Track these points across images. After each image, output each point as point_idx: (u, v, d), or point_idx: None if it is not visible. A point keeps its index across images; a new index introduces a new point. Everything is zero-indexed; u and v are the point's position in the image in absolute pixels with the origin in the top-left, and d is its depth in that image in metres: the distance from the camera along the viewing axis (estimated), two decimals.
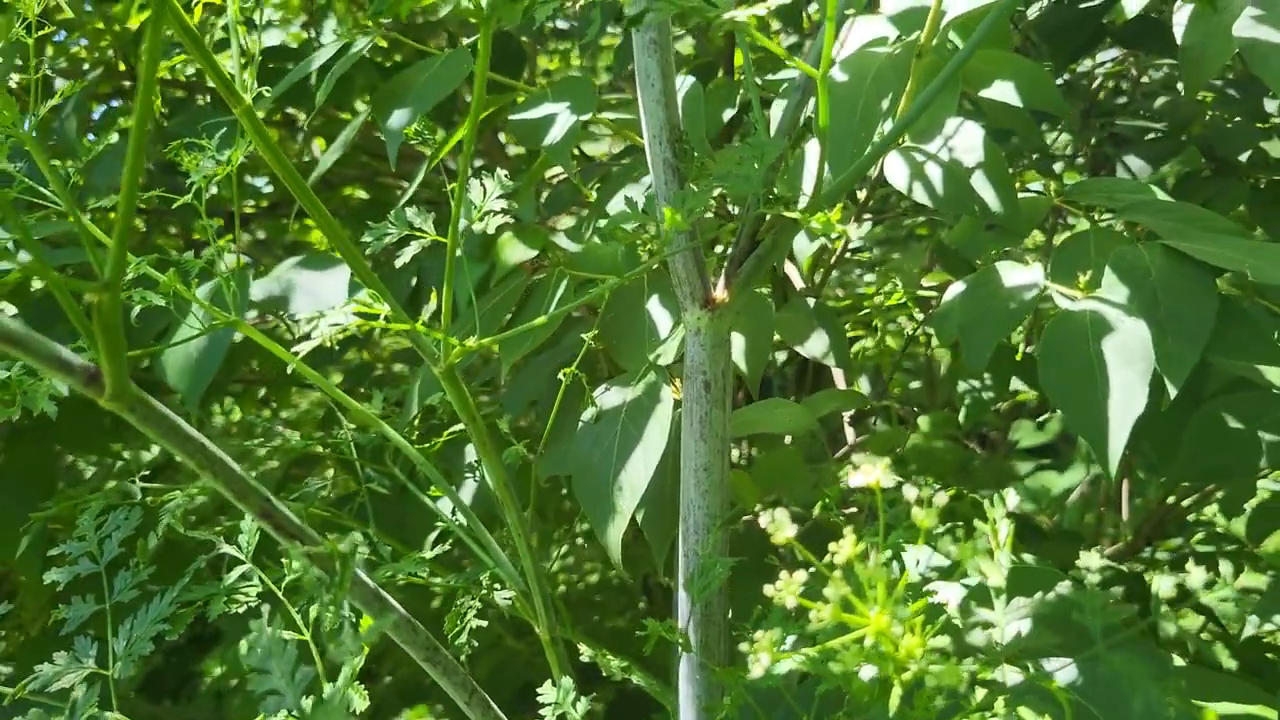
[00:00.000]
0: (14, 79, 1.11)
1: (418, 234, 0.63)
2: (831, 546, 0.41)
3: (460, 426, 0.99)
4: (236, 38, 0.59)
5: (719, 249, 1.10)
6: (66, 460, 1.66)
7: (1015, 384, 1.26)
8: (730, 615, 0.70)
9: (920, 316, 1.07)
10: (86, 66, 1.53)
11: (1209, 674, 0.71)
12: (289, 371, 0.68)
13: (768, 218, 0.64)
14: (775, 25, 1.61)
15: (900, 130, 0.61)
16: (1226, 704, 0.70)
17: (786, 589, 0.41)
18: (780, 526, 0.42)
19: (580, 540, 1.98)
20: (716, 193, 0.58)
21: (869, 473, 0.41)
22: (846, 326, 1.31)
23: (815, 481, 1.77)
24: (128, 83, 1.58)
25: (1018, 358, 1.08)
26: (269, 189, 1.81)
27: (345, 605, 0.48)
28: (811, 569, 0.42)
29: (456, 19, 1.47)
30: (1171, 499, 1.58)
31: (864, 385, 1.93)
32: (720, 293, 0.63)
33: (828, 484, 1.71)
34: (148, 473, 1.07)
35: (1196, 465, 0.84)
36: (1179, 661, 0.75)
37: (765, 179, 0.58)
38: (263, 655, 0.42)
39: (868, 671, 0.44)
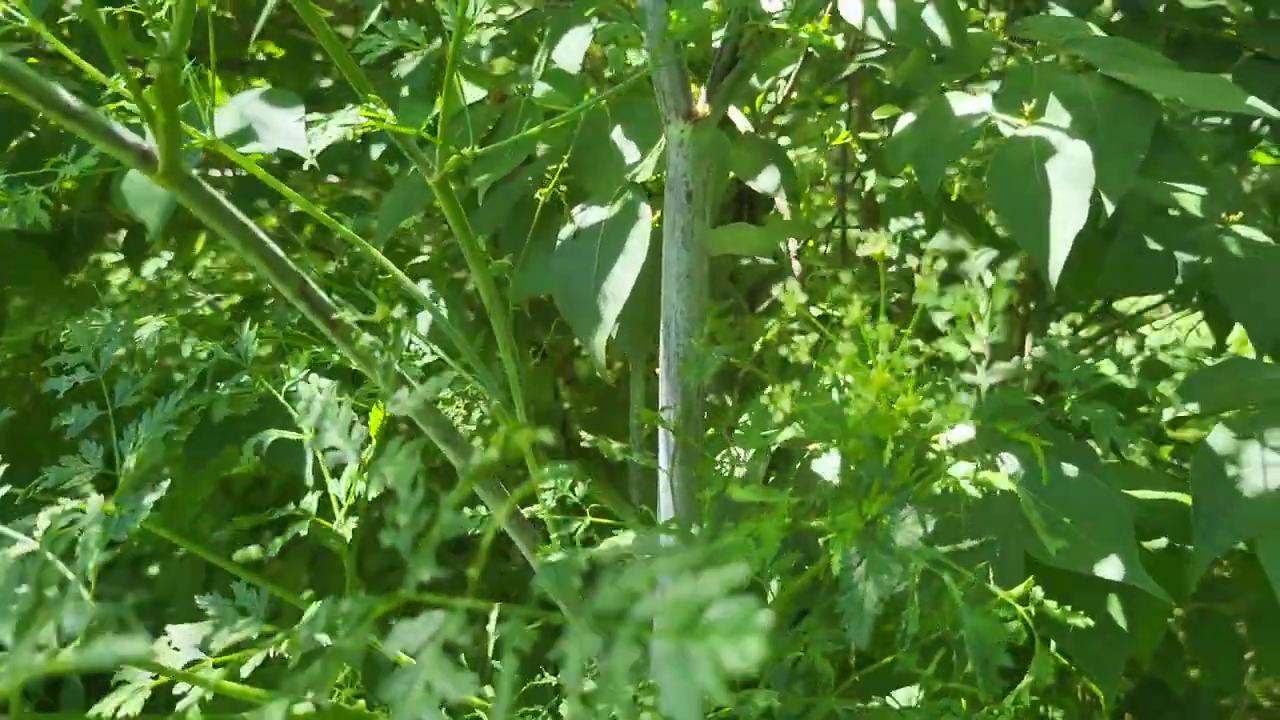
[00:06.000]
0: None
1: (411, 45, 0.64)
2: (838, 310, 0.46)
3: (422, 258, 1.01)
4: None
5: None
6: None
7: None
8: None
9: (863, 158, 1.12)
10: None
11: (1136, 468, 0.79)
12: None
13: (745, 36, 0.67)
14: None
15: None
16: (1149, 491, 0.78)
17: (801, 349, 0.46)
18: (793, 295, 0.47)
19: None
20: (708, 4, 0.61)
21: (874, 244, 0.46)
22: None
23: (739, 334, 1.83)
24: None
25: (953, 198, 1.13)
26: None
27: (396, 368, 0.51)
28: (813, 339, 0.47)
29: None
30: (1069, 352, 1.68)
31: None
32: (702, 106, 0.66)
33: (752, 337, 1.77)
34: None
35: (1120, 280, 0.91)
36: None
37: None
38: (319, 416, 0.46)
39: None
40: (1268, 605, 0.72)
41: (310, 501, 0.69)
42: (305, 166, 0.63)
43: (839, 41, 1.12)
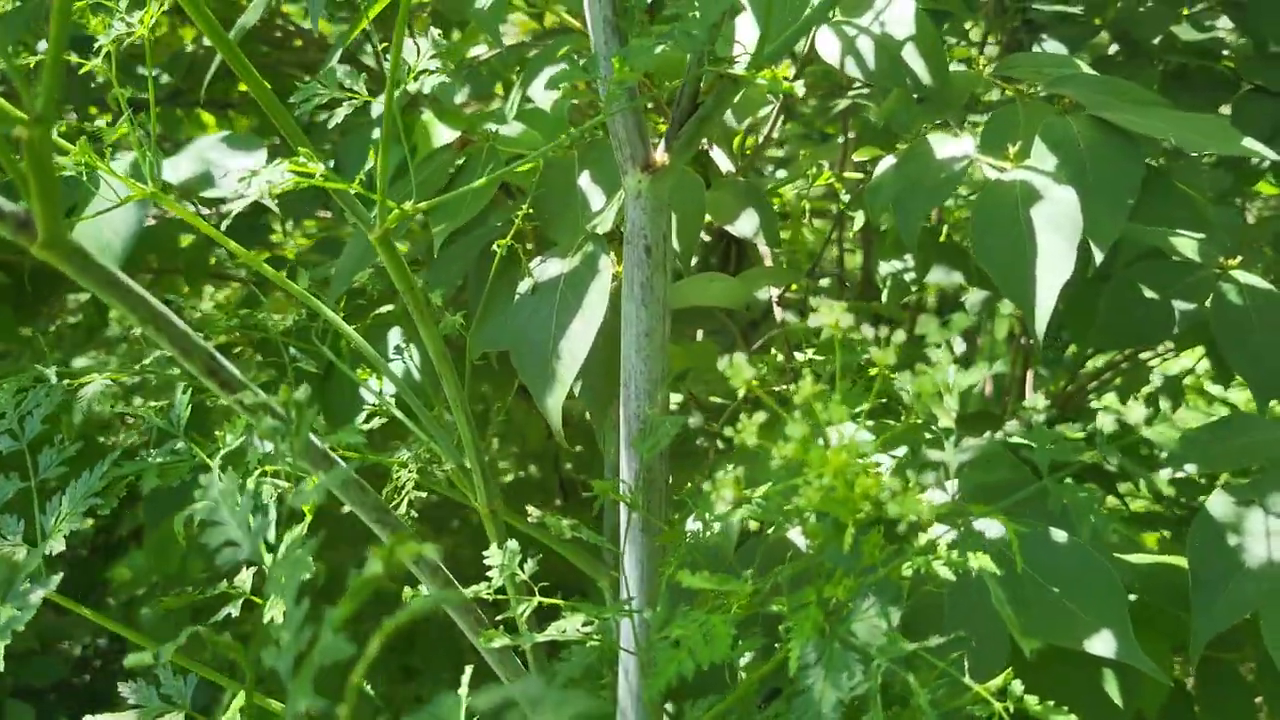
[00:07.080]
0: None
1: (349, 95, 0.61)
2: (791, 387, 0.41)
3: (387, 308, 0.97)
4: None
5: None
6: None
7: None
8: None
9: (847, 198, 1.08)
10: None
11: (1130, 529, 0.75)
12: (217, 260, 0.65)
13: (704, 80, 0.63)
14: None
15: None
16: (1144, 556, 0.74)
17: (746, 429, 0.42)
18: (739, 370, 0.43)
19: (495, 440, 1.99)
20: (659, 49, 0.57)
21: (829, 314, 0.41)
22: None
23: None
24: None
25: (941, 239, 1.09)
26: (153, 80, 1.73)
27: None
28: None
29: None
30: (1072, 388, 1.64)
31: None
32: (661, 155, 0.62)
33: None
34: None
35: (1113, 331, 0.86)
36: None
37: (709, 37, 0.58)
38: (215, 505, 0.42)
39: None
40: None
41: (245, 578, 0.65)
42: (229, 217, 0.60)
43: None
